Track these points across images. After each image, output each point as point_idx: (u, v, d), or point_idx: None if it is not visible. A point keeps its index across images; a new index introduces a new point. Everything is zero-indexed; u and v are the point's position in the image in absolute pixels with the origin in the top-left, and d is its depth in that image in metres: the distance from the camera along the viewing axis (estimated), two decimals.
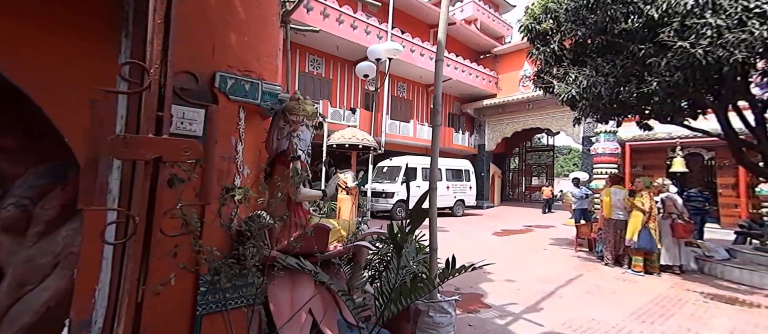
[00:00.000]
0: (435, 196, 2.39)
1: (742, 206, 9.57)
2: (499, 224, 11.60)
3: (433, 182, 2.40)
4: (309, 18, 10.57)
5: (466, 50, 18.06)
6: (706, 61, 3.80)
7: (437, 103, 2.38)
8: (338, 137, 6.89)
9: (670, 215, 5.46)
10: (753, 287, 4.81)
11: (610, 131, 11.23)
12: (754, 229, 7.31)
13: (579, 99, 5.39)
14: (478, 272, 5.32)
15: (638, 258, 5.25)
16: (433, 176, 2.43)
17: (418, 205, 1.96)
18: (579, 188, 8.96)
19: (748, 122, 5.90)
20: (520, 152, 22.68)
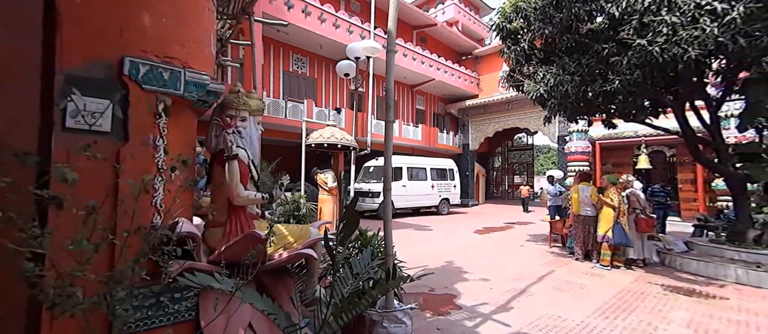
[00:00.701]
0: (389, 196, 2.40)
1: (699, 200, 10.02)
2: (482, 221, 11.76)
3: (387, 182, 2.40)
4: (290, 15, 10.50)
5: (448, 51, 18.27)
6: (662, 58, 3.97)
7: (389, 97, 2.40)
8: (317, 137, 6.85)
9: (634, 211, 5.66)
10: (709, 278, 5.04)
11: (581, 131, 11.61)
12: (709, 222, 7.67)
13: (548, 97, 5.55)
14: (453, 271, 5.42)
15: (607, 252, 5.42)
16: (388, 176, 2.42)
17: (351, 207, 1.66)
18: (554, 186, 9.18)
19: (704, 121, 6.19)
20: (502, 151, 23.07)
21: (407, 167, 12.81)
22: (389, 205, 2.41)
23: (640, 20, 4.13)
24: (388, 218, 2.40)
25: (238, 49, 9.40)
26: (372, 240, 3.11)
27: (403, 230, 9.30)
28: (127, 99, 1.60)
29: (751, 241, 5.42)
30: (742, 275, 4.81)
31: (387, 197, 2.39)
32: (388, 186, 2.40)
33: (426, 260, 5.87)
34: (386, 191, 2.39)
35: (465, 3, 19.49)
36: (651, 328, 3.26)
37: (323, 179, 7.01)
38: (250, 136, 2.28)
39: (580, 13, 4.76)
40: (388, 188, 2.40)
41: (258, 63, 8.46)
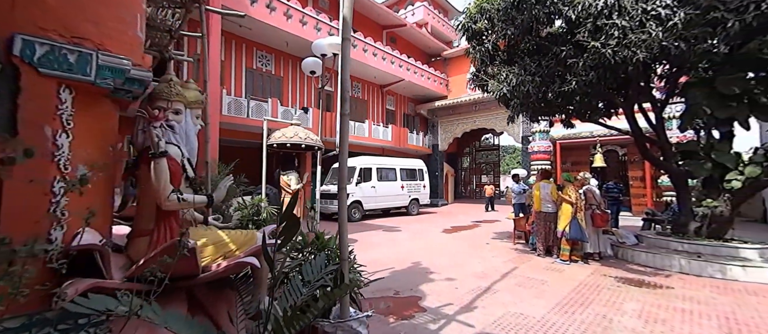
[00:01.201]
0: (344, 197, 2.24)
1: (647, 196, 10.81)
2: (450, 221, 11.91)
3: (343, 182, 2.24)
4: (253, 10, 10.02)
5: (417, 52, 18.44)
6: (614, 60, 4.15)
7: (345, 90, 2.25)
8: (279, 136, 6.53)
9: (590, 206, 5.92)
10: (656, 269, 5.36)
11: (543, 131, 12.15)
12: (656, 216, 8.27)
13: (510, 97, 5.66)
14: (420, 272, 5.36)
15: (566, 248, 5.62)
16: (343, 174, 2.25)
17: (288, 211, 1.48)
18: (518, 184, 9.47)
19: (650, 121, 6.63)
20: (470, 152, 23.67)
21: (377, 167, 12.71)
22: (344, 205, 2.26)
23: (594, 23, 4.30)
24: (343, 219, 2.24)
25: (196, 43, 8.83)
26: (329, 243, 2.93)
27: (372, 232, 9.17)
28: (17, 85, 1.33)
29: (692, 232, 5.85)
30: (684, 264, 5.16)
31: (341, 197, 2.23)
32: (342, 186, 2.24)
33: (393, 262, 5.78)
34: (340, 191, 2.23)
35: (434, 5, 19.78)
36: (606, 321, 3.35)
37: (286, 181, 6.72)
38: (186, 131, 2.03)
39: (539, 16, 4.88)
40: (342, 187, 2.24)
41: (215, 58, 7.97)
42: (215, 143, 7.69)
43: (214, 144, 7.67)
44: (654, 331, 3.13)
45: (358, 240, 7.90)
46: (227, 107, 9.77)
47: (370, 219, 12.26)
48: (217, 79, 7.86)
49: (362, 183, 12.02)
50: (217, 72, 7.86)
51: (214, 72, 7.76)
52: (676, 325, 3.28)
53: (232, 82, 10.97)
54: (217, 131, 7.81)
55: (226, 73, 10.78)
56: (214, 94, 7.84)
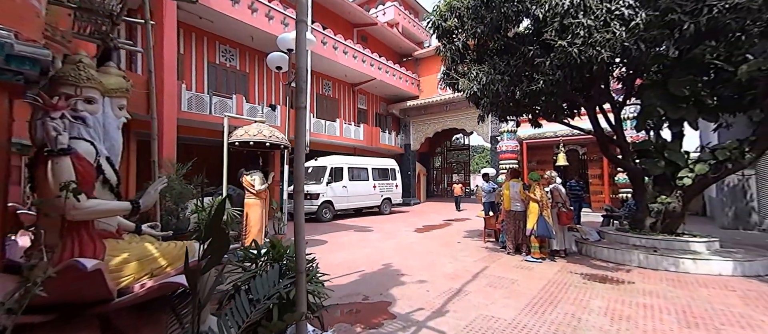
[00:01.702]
0: (301, 200, 1.98)
1: (605, 193, 11.44)
2: (422, 220, 11.88)
3: (299, 183, 1.99)
4: (215, 1, 9.38)
5: (389, 52, 18.34)
6: (580, 59, 4.21)
7: (301, 79, 2.00)
8: (242, 134, 6.09)
9: (556, 205, 6.05)
10: (617, 264, 5.56)
11: (511, 131, 12.49)
12: (615, 212, 8.71)
13: (480, 96, 5.64)
14: (390, 275, 5.19)
15: (536, 245, 5.67)
16: (299, 174, 2.00)
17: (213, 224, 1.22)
18: (488, 183, 9.60)
19: (610, 122, 6.92)
20: (442, 151, 23.98)
21: (348, 166, 12.43)
22: (301, 209, 2.00)
23: (561, 22, 4.34)
24: (300, 224, 1.98)
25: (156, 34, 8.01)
26: (288, 252, 2.66)
27: (343, 233, 8.90)
28: None
29: (648, 228, 6.14)
30: (643, 259, 5.38)
31: (298, 201, 1.98)
32: (299, 187, 1.98)
33: (363, 264, 5.56)
34: (297, 193, 1.98)
35: (405, 6, 19.79)
36: (575, 320, 3.35)
37: (250, 181, 6.29)
38: (105, 124, 1.69)
39: (509, 14, 4.88)
40: (299, 189, 1.99)
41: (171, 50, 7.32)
42: (172, 141, 7.08)
43: (171, 142, 7.06)
44: (620, 329, 3.16)
45: (327, 241, 7.61)
46: (187, 103, 9.07)
47: (342, 219, 11.96)
48: (173, 72, 7.22)
49: (333, 183, 11.69)
50: (173, 64, 7.22)
51: (170, 65, 7.13)
52: (640, 321, 3.33)
53: (193, 77, 10.22)
54: (174, 128, 7.18)
55: (185, 68, 10.02)
56: (171, 89, 7.20)
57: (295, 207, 1.99)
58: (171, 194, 4.47)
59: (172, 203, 4.53)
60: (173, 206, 4.55)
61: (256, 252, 2.63)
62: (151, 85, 3.62)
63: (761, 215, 8.82)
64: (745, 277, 4.84)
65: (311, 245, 7.15)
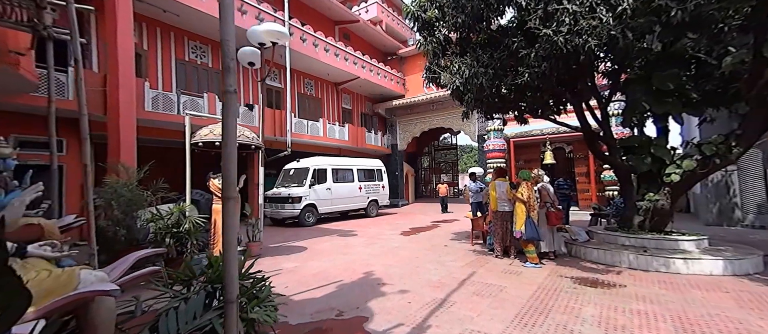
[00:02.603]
0: (232, 208, 1.58)
1: (592, 191, 11.35)
2: (409, 222, 11.54)
3: (229, 189, 1.58)
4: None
5: (372, 50, 17.98)
6: (566, 49, 3.93)
7: (226, 56, 1.60)
8: (206, 134, 5.61)
9: (545, 204, 5.79)
10: (607, 265, 5.33)
11: (497, 129, 12.30)
12: (602, 211, 8.56)
13: (464, 91, 5.33)
14: (371, 284, 4.76)
15: (531, 250, 5.35)
16: (229, 180, 1.58)
17: None
18: (475, 183, 9.34)
19: (597, 118, 6.73)
20: (430, 151, 23.75)
21: (332, 168, 11.98)
22: (233, 221, 1.60)
23: (545, 9, 4.07)
24: (231, 241, 1.58)
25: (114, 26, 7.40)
26: None
27: (325, 238, 8.46)
28: None
29: (636, 226, 5.95)
30: (633, 260, 5.16)
31: (228, 209, 1.58)
32: (229, 193, 1.58)
33: (341, 273, 5.16)
34: (226, 200, 1.57)
35: (388, 3, 19.48)
36: (567, 332, 3.04)
37: (217, 185, 5.80)
38: None
39: (490, 1, 4.58)
40: (229, 196, 1.58)
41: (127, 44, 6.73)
42: (131, 143, 6.50)
43: (130, 144, 6.48)
44: None
45: (307, 248, 7.16)
46: (152, 103, 8.46)
47: (326, 223, 11.51)
48: (130, 67, 6.64)
49: (316, 185, 11.23)
50: (129, 59, 6.63)
51: (126, 59, 6.54)
52: (636, 331, 3.05)
53: (159, 75, 9.58)
54: (133, 129, 6.60)
55: (150, 65, 9.39)
56: (127, 86, 6.62)
57: (224, 219, 1.59)
58: (118, 202, 3.96)
59: (120, 213, 4.02)
60: (121, 215, 4.03)
61: (188, 273, 2.19)
62: (78, 75, 3.14)
63: (744, 211, 8.82)
64: (736, 276, 4.66)
65: (288, 253, 6.70)
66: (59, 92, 6.68)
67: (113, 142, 6.29)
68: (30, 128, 6.82)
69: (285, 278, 4.95)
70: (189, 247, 4.70)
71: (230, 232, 1.62)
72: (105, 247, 4.04)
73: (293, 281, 4.75)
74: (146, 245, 4.52)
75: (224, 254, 1.61)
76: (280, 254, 6.55)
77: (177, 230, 4.69)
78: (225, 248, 1.59)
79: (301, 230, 9.94)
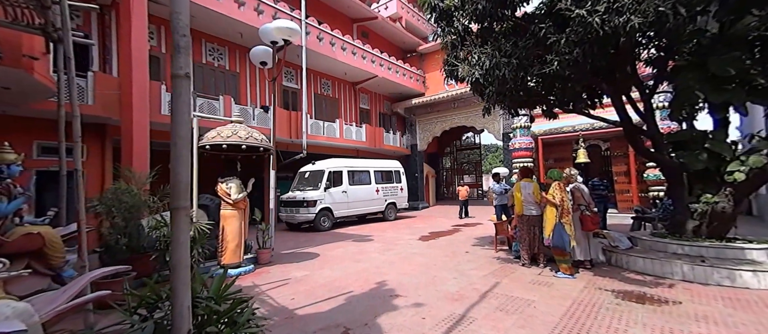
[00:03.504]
0: (182, 219, 1.25)
1: (633, 192, 10.32)
2: (429, 226, 11.05)
3: (178, 198, 1.25)
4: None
5: (391, 48, 17.61)
6: (603, 30, 3.36)
7: (176, 32, 1.28)
8: (213, 136, 5.45)
9: (578, 207, 5.15)
10: (656, 277, 4.64)
11: (524, 126, 11.52)
12: (646, 214, 7.68)
13: (484, 83, 4.83)
14: (382, 296, 4.32)
15: (564, 259, 4.75)
16: (178, 189, 1.26)
17: None
18: (499, 184, 8.71)
19: (639, 110, 5.98)
20: (451, 151, 23.02)
21: (348, 170, 11.69)
22: (183, 236, 1.26)
23: None
24: (181, 262, 1.24)
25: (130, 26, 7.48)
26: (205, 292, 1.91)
27: (339, 243, 8.16)
28: None
29: (690, 232, 5.18)
30: (687, 271, 4.44)
31: (178, 218, 1.24)
32: (178, 203, 1.24)
33: (353, 283, 4.80)
34: (175, 211, 1.24)
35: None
36: None
37: (225, 190, 5.64)
38: None
39: None
40: (179, 206, 1.25)
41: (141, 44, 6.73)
42: (144, 148, 6.49)
43: (143, 149, 6.47)
44: None
45: (319, 254, 6.88)
46: (168, 106, 8.53)
47: (342, 227, 11.24)
48: (144, 70, 6.64)
49: (332, 188, 10.98)
50: (143, 61, 6.64)
51: (140, 61, 6.55)
52: None
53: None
54: (146, 133, 6.59)
55: (168, 68, 9.50)
56: (141, 89, 6.63)
57: (173, 234, 1.26)
58: (118, 209, 3.80)
59: (120, 220, 3.87)
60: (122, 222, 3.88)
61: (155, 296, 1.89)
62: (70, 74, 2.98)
63: None
64: None
65: (300, 260, 6.45)
66: (78, 97, 6.80)
67: (126, 147, 6.30)
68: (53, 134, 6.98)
69: (293, 288, 4.66)
70: (194, 255, 4.50)
71: (180, 249, 1.28)
72: (107, 256, 3.91)
73: (301, 292, 4.45)
74: (151, 253, 4.37)
75: (172, 280, 1.27)
76: (291, 262, 6.30)
77: None
78: (173, 271, 1.25)
79: (316, 234, 9.71)
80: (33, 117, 6.77)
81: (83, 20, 7.80)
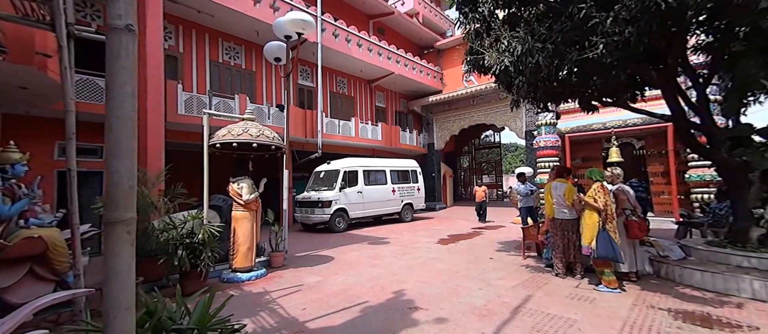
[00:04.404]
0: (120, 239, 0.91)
1: (673, 194, 9.43)
2: (447, 228, 10.56)
3: (121, 208, 0.90)
4: None
5: (408, 44, 17.15)
6: (666, 2, 2.83)
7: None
8: (224, 134, 5.21)
9: (623, 212, 4.57)
10: (719, 294, 4.01)
11: (550, 124, 10.82)
12: (694, 219, 6.91)
13: (514, 72, 4.33)
14: (400, 309, 3.83)
15: (607, 271, 4.21)
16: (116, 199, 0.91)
17: None
18: (524, 185, 8.13)
19: (690, 102, 5.30)
20: (470, 150, 22.30)
21: (363, 169, 11.35)
22: (122, 260, 0.91)
23: None
24: (116, 304, 0.89)
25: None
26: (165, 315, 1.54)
27: (354, 246, 7.81)
28: None
29: (755, 241, 4.49)
30: (759, 288, 3.80)
31: (113, 237, 0.89)
32: (118, 216, 0.90)
33: (367, 292, 4.42)
34: (110, 227, 0.89)
35: None
36: None
37: (236, 190, 5.39)
38: None
39: None
40: (116, 218, 0.90)
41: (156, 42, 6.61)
42: (159, 148, 6.36)
43: (158, 149, 6.34)
44: None
45: (333, 258, 6.55)
46: (184, 106, 8.45)
47: (358, 228, 10.91)
48: (158, 68, 6.53)
49: (347, 188, 10.67)
50: (158, 59, 6.52)
51: (155, 59, 6.43)
52: None
53: (194, 78, 9.64)
54: (161, 133, 6.47)
55: (185, 67, 9.46)
56: (156, 88, 6.50)
57: (107, 261, 0.91)
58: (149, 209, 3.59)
59: None
60: None
61: None
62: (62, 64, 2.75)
63: None
64: None
65: (314, 263, 6.14)
66: (98, 97, 6.77)
67: (141, 146, 6.18)
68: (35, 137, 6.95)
69: (304, 296, 4.34)
70: (203, 259, 4.26)
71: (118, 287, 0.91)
72: None
73: (312, 301, 4.12)
74: (160, 256, 4.15)
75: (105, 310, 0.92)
76: (305, 265, 6.00)
77: (190, 241, 4.27)
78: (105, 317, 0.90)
79: (331, 236, 9.41)
80: (54, 118, 6.79)
81: (104, 21, 7.81)
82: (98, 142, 7.39)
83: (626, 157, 10.68)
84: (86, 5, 7.56)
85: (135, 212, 0.89)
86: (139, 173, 5.12)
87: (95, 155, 7.38)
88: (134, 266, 0.88)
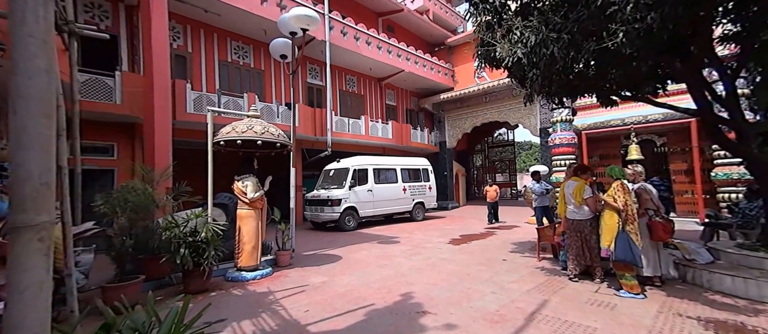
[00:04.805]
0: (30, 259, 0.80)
1: (697, 193, 8.91)
2: (459, 228, 10.32)
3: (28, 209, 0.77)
4: None
5: (419, 41, 16.92)
6: None
7: None
8: (228, 131, 5.16)
9: (646, 212, 4.28)
10: (751, 301, 3.69)
11: (565, 120, 10.43)
12: (722, 220, 6.48)
13: (528, 64, 4.10)
14: (407, 313, 3.64)
15: (629, 276, 3.94)
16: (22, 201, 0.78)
17: None
18: (539, 183, 7.83)
19: (717, 95, 4.92)
20: (482, 149, 21.90)
21: (374, 168, 11.22)
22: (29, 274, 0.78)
23: None
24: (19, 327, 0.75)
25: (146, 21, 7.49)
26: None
27: (363, 245, 7.69)
28: None
29: None
30: None
31: (20, 245, 0.76)
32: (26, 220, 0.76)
33: (374, 294, 4.28)
34: (15, 233, 0.76)
35: None
36: None
37: (241, 188, 5.34)
38: None
39: None
40: (23, 223, 0.77)
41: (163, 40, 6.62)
42: (166, 146, 6.39)
43: (165, 147, 6.37)
44: None
45: (341, 257, 6.45)
46: (193, 104, 8.50)
47: (368, 227, 10.80)
48: (164, 66, 6.55)
49: (357, 187, 10.56)
50: (164, 58, 6.55)
51: (161, 57, 6.46)
52: None
53: (204, 77, 9.71)
54: (168, 131, 6.50)
55: (194, 67, 9.54)
56: (163, 86, 6.53)
57: (11, 275, 0.78)
58: (123, 208, 3.56)
59: (125, 220, 3.62)
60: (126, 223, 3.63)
61: None
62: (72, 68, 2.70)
63: None
64: None
65: (321, 263, 6.05)
66: (106, 96, 6.86)
67: (148, 145, 6.22)
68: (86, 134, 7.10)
69: (308, 297, 4.23)
70: (206, 258, 4.20)
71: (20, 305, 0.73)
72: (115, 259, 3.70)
73: (316, 303, 4.01)
74: (162, 255, 4.11)
75: None
76: (311, 265, 5.92)
77: (193, 239, 4.23)
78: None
79: (340, 235, 9.32)
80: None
81: (113, 21, 7.94)
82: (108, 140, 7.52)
83: (646, 155, 10.20)
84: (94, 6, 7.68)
85: (51, 215, 0.73)
86: (143, 172, 5.13)
87: (106, 154, 7.51)
88: (49, 283, 0.72)
